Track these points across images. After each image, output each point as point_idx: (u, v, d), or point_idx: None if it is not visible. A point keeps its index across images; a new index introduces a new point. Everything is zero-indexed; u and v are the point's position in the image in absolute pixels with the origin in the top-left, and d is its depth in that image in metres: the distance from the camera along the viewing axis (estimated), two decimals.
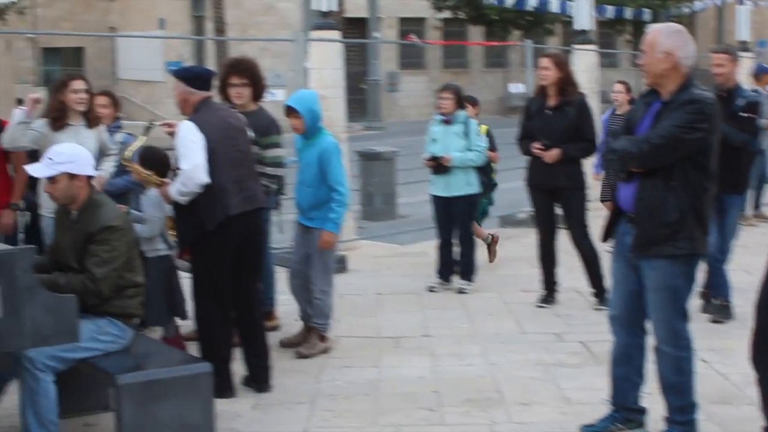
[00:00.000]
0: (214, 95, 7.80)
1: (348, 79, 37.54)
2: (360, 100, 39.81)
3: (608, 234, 6.31)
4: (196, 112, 7.36)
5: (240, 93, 8.79)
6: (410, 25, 48.46)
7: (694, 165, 5.90)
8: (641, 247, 6.01)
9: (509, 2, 23.31)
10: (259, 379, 7.62)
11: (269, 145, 8.67)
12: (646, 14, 28.26)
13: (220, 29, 38.94)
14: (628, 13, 28.04)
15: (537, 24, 45.35)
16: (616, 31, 47.61)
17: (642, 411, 6.51)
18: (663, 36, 5.98)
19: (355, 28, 41.63)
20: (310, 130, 8.38)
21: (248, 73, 8.85)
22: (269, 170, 8.60)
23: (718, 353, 8.28)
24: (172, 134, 7.46)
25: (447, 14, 46.69)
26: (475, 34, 48.41)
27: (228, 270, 7.39)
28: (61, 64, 46.12)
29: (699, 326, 7.70)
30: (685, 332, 6.14)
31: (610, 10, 26.74)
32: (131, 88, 45.12)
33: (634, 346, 6.36)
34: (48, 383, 6.04)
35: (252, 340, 7.64)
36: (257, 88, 8.88)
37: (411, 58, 48.66)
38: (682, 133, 5.81)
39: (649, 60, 5.98)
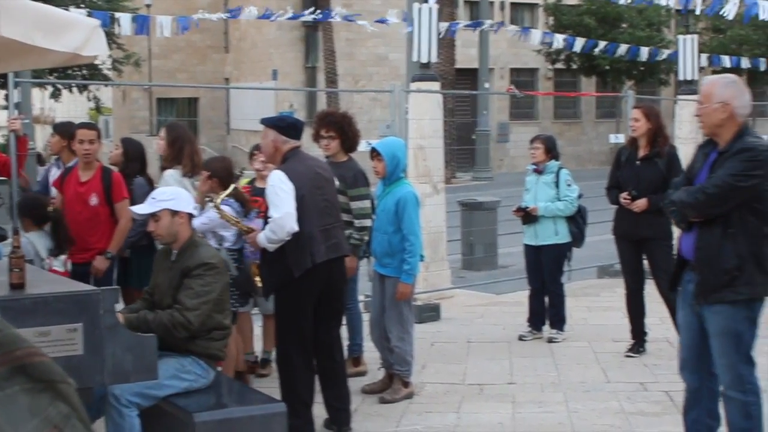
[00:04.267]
0: (303, 145, 7.98)
1: (458, 129, 37.49)
2: (470, 150, 39.91)
3: (675, 283, 6.39)
4: (285, 161, 7.59)
5: (328, 144, 9.05)
6: (522, 76, 48.52)
7: (752, 211, 5.97)
8: (703, 294, 6.08)
9: (621, 52, 23.35)
10: (339, 422, 7.75)
11: (356, 196, 8.89)
12: (762, 64, 27.96)
13: (331, 80, 39.52)
14: (745, 62, 27.78)
15: (650, 74, 45.12)
16: None
17: None
18: (719, 87, 6.08)
19: (466, 79, 41.84)
20: (390, 176, 8.56)
21: (335, 126, 9.09)
22: (357, 222, 8.82)
23: None
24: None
25: (559, 65, 46.67)
26: (588, 84, 48.29)
27: (310, 315, 7.56)
28: (175, 115, 47.06)
29: None
30: (751, 377, 6.18)
31: (725, 60, 26.61)
32: (243, 138, 45.92)
33: (703, 390, 6.43)
34: (133, 418, 6.30)
35: (333, 384, 7.78)
36: (345, 140, 9.10)
37: (522, 109, 48.67)
38: (736, 181, 5.89)
39: (706, 110, 6.07)
